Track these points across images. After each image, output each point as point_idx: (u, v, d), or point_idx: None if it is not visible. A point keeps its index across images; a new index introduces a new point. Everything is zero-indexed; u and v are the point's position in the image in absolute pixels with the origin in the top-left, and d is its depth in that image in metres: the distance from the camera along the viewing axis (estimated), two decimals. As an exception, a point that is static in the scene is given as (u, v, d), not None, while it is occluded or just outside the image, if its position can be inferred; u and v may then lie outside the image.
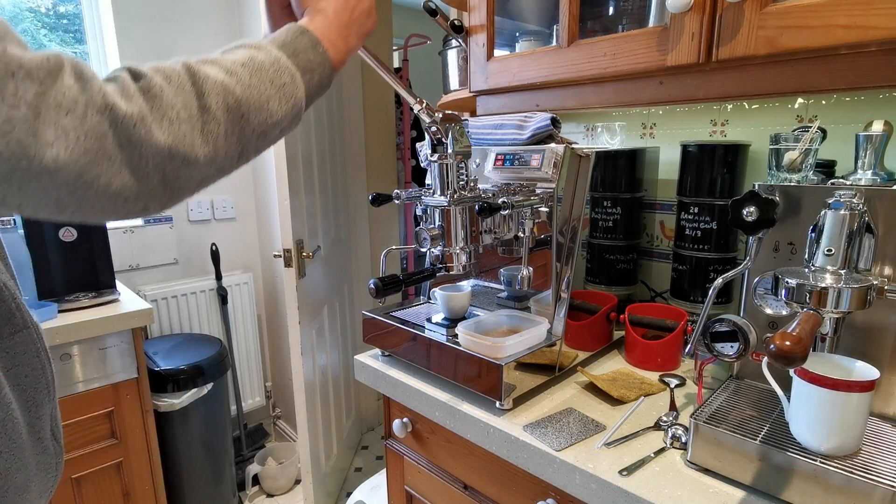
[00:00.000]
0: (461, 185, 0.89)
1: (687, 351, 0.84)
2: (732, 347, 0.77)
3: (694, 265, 1.11)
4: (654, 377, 0.99)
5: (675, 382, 0.97)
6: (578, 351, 1.02)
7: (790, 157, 0.80)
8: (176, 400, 1.76)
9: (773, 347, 0.54)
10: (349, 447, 2.43)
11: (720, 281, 0.79)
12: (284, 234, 1.69)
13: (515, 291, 1.07)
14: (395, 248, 1.25)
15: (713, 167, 1.07)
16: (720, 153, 1.06)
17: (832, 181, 0.78)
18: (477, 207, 0.84)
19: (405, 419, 1.07)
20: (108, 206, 0.43)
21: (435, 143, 0.87)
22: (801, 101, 1.03)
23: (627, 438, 0.80)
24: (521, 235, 0.97)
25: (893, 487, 0.58)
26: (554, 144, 0.96)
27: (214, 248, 2.22)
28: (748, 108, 1.10)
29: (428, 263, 0.93)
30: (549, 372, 0.95)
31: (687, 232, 1.11)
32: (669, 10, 0.81)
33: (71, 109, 0.39)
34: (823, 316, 0.66)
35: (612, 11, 1.11)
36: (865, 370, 0.67)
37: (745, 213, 0.78)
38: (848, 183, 0.75)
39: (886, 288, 0.67)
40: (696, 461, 0.72)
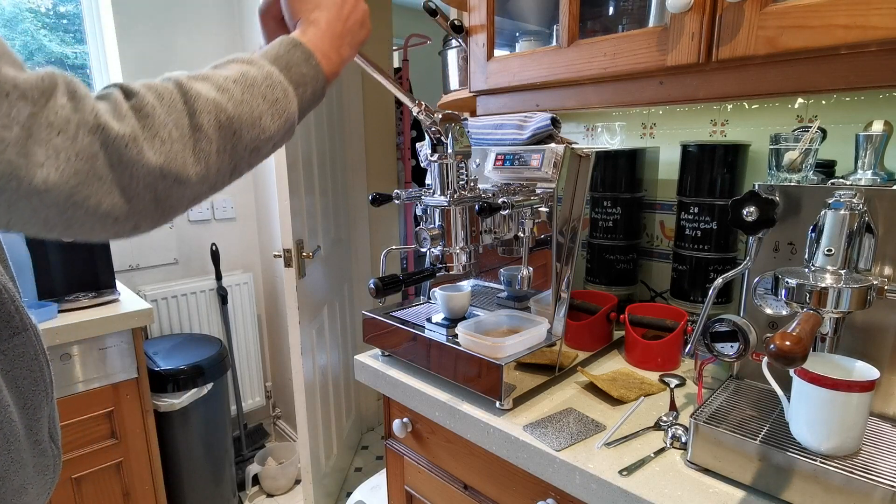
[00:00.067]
0: (461, 185, 0.89)
1: (687, 351, 0.84)
2: (732, 347, 0.77)
3: (694, 265, 1.11)
4: (654, 377, 0.99)
5: (675, 382, 0.97)
6: (578, 351, 1.02)
7: (790, 157, 0.80)
8: (176, 400, 1.76)
9: (773, 347, 0.54)
10: (349, 447, 2.43)
11: (720, 281, 0.79)
12: (284, 234, 1.69)
13: (515, 291, 1.07)
14: (395, 248, 1.25)
15: (713, 167, 1.07)
16: (720, 153, 1.06)
17: (832, 181, 0.78)
18: (477, 207, 0.84)
19: (405, 419, 1.07)
20: (97, 225, 0.43)
21: (435, 143, 0.87)
22: (801, 101, 1.03)
23: (627, 438, 0.80)
24: (521, 235, 0.97)
25: (893, 487, 0.58)
26: (554, 144, 0.96)
27: (214, 248, 2.22)
28: (748, 108, 1.10)
29: (428, 263, 0.93)
30: (549, 372, 0.95)
31: (687, 232, 1.11)
32: (669, 10, 0.81)
33: (63, 129, 0.39)
34: (823, 316, 0.66)
35: (612, 11, 1.11)
36: (865, 370, 0.67)
37: (745, 213, 0.78)
38: (848, 183, 0.75)
39: (886, 288, 0.67)
40: (696, 461, 0.72)
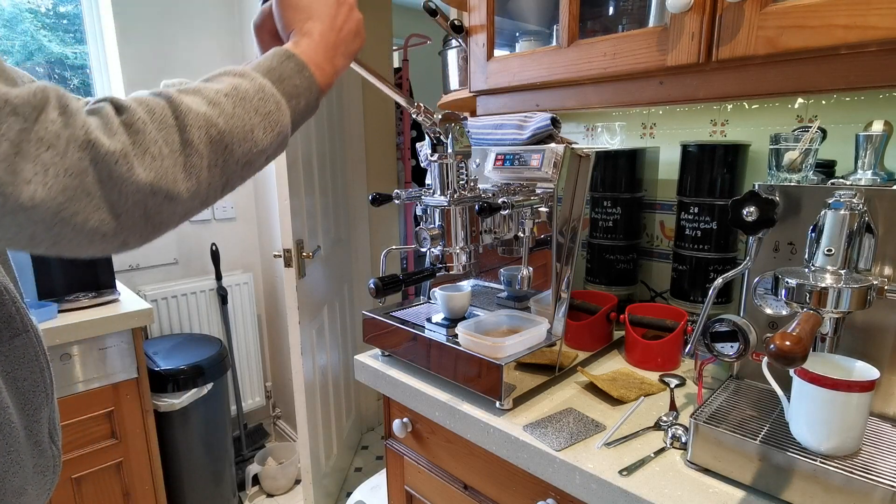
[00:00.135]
0: (461, 185, 0.89)
1: (687, 351, 0.84)
2: (732, 347, 0.77)
3: (694, 265, 1.11)
4: (654, 377, 0.99)
5: (675, 382, 0.97)
6: (578, 351, 1.02)
7: (790, 157, 0.80)
8: (176, 400, 1.76)
9: (773, 347, 0.54)
10: (349, 447, 2.43)
11: (720, 281, 0.79)
12: (284, 234, 1.69)
13: (515, 291, 1.07)
14: (395, 248, 1.25)
15: (713, 167, 1.07)
16: (720, 153, 1.06)
17: (832, 181, 0.78)
18: (477, 207, 0.84)
19: (405, 419, 1.07)
20: (84, 242, 0.42)
21: (435, 143, 0.87)
22: (801, 101, 1.03)
23: (627, 438, 0.80)
24: (521, 235, 0.97)
25: (893, 487, 0.58)
26: (554, 144, 0.96)
27: (214, 248, 2.22)
28: (748, 108, 1.10)
29: (428, 263, 0.93)
30: (549, 372, 0.95)
31: (687, 232, 1.11)
32: (669, 10, 0.81)
33: (52, 144, 0.39)
34: (823, 316, 0.66)
35: (612, 11, 1.11)
36: (865, 370, 0.67)
37: (745, 213, 0.78)
38: (848, 183, 0.75)
39: (886, 288, 0.67)
40: (696, 461, 0.72)
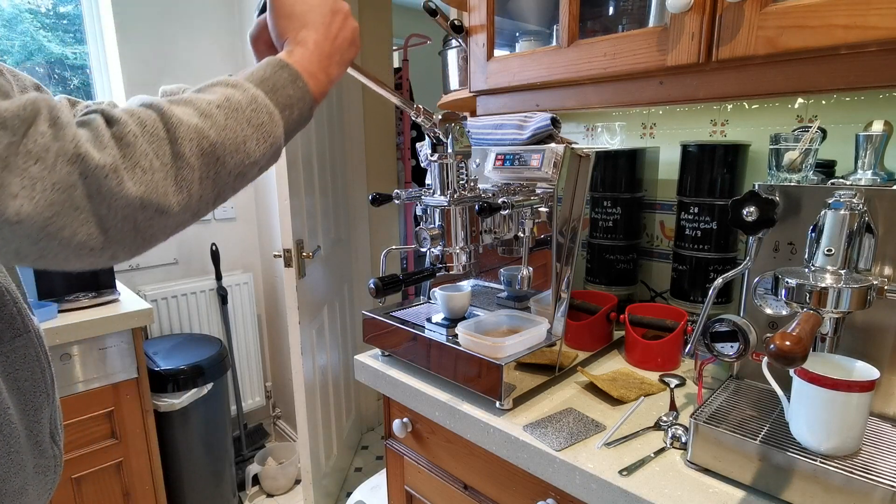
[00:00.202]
0: (461, 185, 0.89)
1: (687, 351, 0.84)
2: (732, 347, 0.77)
3: (694, 265, 1.11)
4: (654, 377, 0.99)
5: (675, 382, 0.97)
6: (578, 351, 1.02)
7: (790, 157, 0.80)
8: (176, 400, 1.76)
9: (773, 347, 0.54)
10: (349, 447, 2.43)
11: (720, 281, 0.79)
12: (284, 234, 1.69)
13: (515, 291, 1.07)
14: (395, 248, 1.25)
15: (713, 167, 1.07)
16: (720, 153, 1.06)
17: (832, 181, 0.78)
18: (477, 207, 0.84)
19: (405, 419, 1.07)
20: (71, 256, 0.42)
21: (435, 142, 0.87)
22: (801, 101, 1.03)
23: (627, 438, 0.80)
24: (521, 235, 0.97)
25: (893, 487, 0.58)
26: (554, 144, 0.96)
27: (214, 248, 2.22)
28: (748, 108, 1.10)
29: (428, 263, 0.93)
30: (549, 372, 0.95)
31: (687, 232, 1.11)
32: (669, 10, 0.81)
33: (41, 157, 0.38)
34: (823, 316, 0.66)
35: (612, 11, 1.11)
36: (865, 370, 0.67)
37: (745, 213, 0.78)
38: (848, 183, 0.75)
39: (886, 288, 0.67)
40: (696, 461, 0.72)
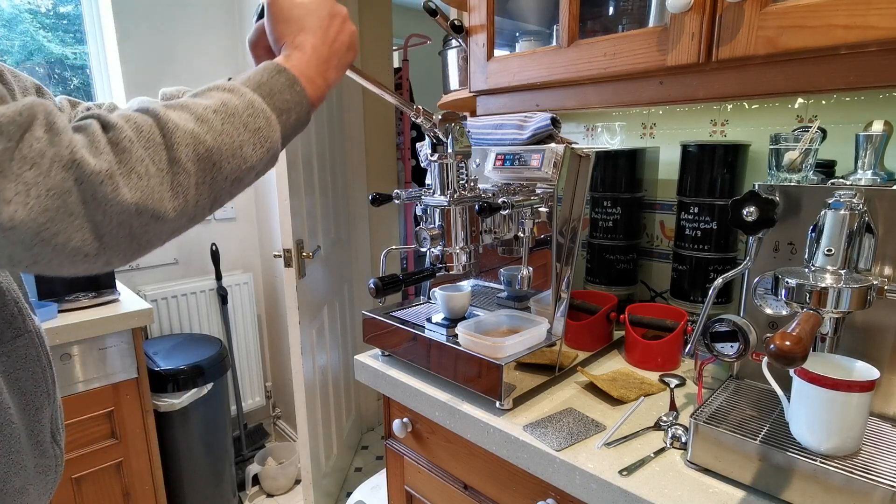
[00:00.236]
0: (461, 185, 0.89)
1: (687, 351, 0.84)
2: (732, 347, 0.77)
3: (694, 265, 1.11)
4: (654, 377, 0.99)
5: (675, 382, 0.97)
6: (578, 351, 1.02)
7: (790, 157, 0.80)
8: (176, 400, 1.76)
9: (773, 347, 0.54)
10: (349, 447, 2.43)
11: (720, 281, 0.79)
12: (284, 234, 1.69)
13: (515, 291, 1.07)
14: (395, 248, 1.25)
15: (713, 167, 1.07)
16: (720, 153, 1.06)
17: (832, 181, 0.78)
18: (477, 207, 0.84)
19: (405, 419, 1.07)
20: (66, 262, 0.41)
21: (435, 142, 0.87)
22: (801, 101, 1.03)
23: (627, 438, 0.80)
24: (521, 235, 0.97)
25: (893, 487, 0.58)
26: (554, 144, 0.96)
27: (214, 248, 2.22)
28: (748, 108, 1.10)
29: (428, 263, 0.93)
30: (549, 372, 0.95)
31: (687, 232, 1.11)
32: (669, 10, 0.81)
33: (36, 163, 0.38)
34: (823, 316, 0.66)
35: (612, 11, 1.11)
36: (865, 370, 0.67)
37: (745, 213, 0.78)
38: (848, 183, 0.75)
39: (886, 288, 0.67)
40: (696, 461, 0.72)
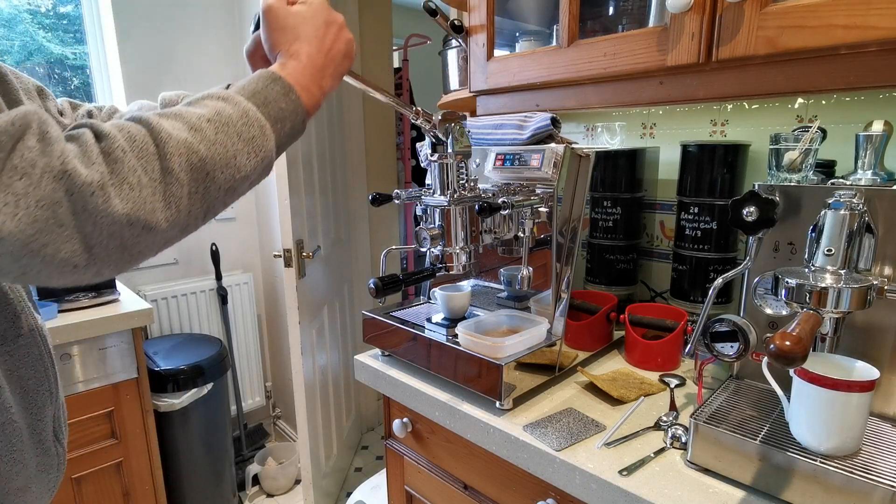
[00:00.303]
0: (461, 185, 0.89)
1: (687, 351, 0.84)
2: (732, 347, 0.77)
3: (694, 265, 1.11)
4: (654, 377, 0.99)
5: (675, 382, 0.97)
6: (578, 351, 1.02)
7: (790, 157, 0.80)
8: (176, 400, 1.76)
9: (773, 347, 0.54)
10: (349, 447, 2.43)
11: (720, 281, 0.79)
12: (284, 234, 1.69)
13: (515, 291, 1.07)
14: (395, 248, 1.25)
15: (713, 167, 1.07)
16: (720, 153, 1.06)
17: (832, 181, 0.78)
18: (477, 207, 0.84)
19: (405, 419, 1.07)
20: (54, 273, 0.41)
21: (435, 142, 0.87)
22: (801, 101, 1.03)
23: (627, 438, 0.80)
24: (521, 235, 0.97)
25: (893, 487, 0.58)
26: (554, 144, 0.96)
27: (214, 248, 2.22)
28: (748, 108, 1.10)
29: (428, 263, 0.93)
30: (549, 372, 0.95)
31: (687, 232, 1.11)
32: (669, 10, 0.81)
33: (27, 173, 0.38)
34: (823, 316, 0.66)
35: (612, 11, 1.11)
36: (865, 370, 0.67)
37: (745, 213, 0.78)
38: (848, 183, 0.75)
39: (886, 288, 0.67)
40: (696, 461, 0.72)
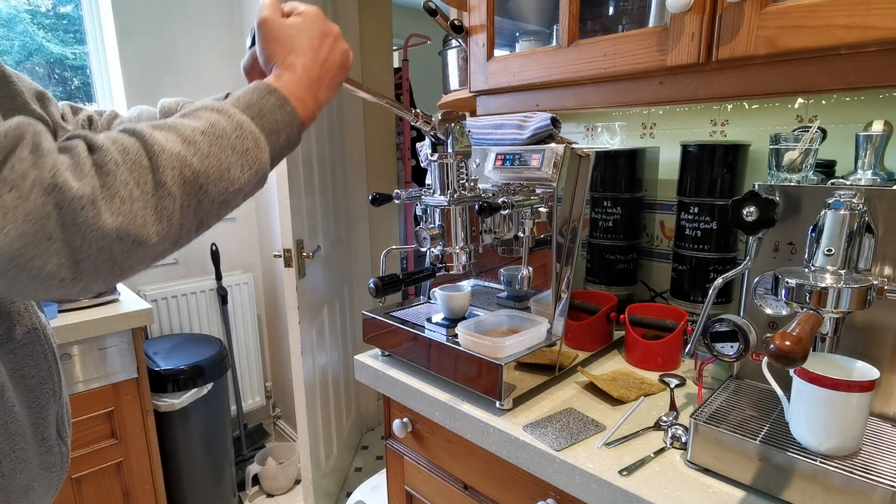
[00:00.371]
0: (461, 184, 0.89)
1: (687, 351, 0.84)
2: (732, 347, 0.77)
3: (694, 265, 1.11)
4: (654, 377, 0.99)
5: (675, 382, 0.97)
6: (578, 351, 1.02)
7: (790, 157, 0.80)
8: (176, 400, 1.76)
9: (773, 347, 0.54)
10: (349, 447, 2.43)
11: (720, 281, 0.79)
12: (284, 234, 1.69)
13: (515, 291, 1.07)
14: (395, 248, 1.25)
15: (713, 167, 1.07)
16: (720, 153, 1.06)
17: (832, 181, 0.78)
18: (477, 207, 0.84)
19: (405, 419, 1.07)
20: (40, 288, 0.40)
21: (435, 142, 0.87)
22: (801, 101, 1.03)
23: (627, 438, 0.80)
24: (521, 235, 0.97)
25: (893, 487, 0.58)
26: (554, 144, 0.96)
27: (214, 248, 2.22)
28: (748, 108, 1.10)
29: (428, 263, 0.93)
30: (549, 372, 0.95)
31: (687, 232, 1.11)
32: (669, 10, 0.81)
33: (16, 185, 0.37)
34: (823, 316, 0.66)
35: (612, 11, 1.11)
36: (865, 370, 0.67)
37: (745, 213, 0.78)
38: (848, 183, 0.75)
39: (886, 288, 0.67)
40: (696, 461, 0.72)
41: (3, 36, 1.92)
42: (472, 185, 0.91)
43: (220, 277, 2.25)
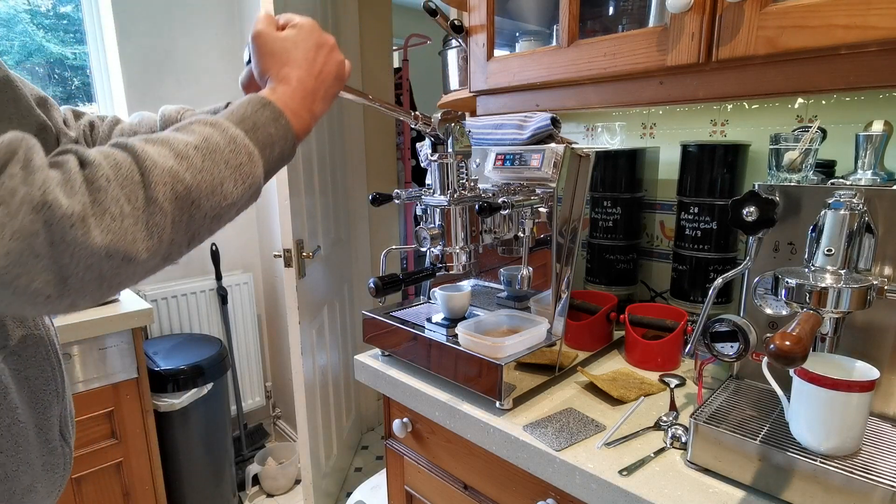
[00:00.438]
0: (461, 184, 0.89)
1: (687, 351, 0.84)
2: (732, 347, 0.77)
3: (694, 265, 1.11)
4: (654, 377, 0.99)
5: (675, 382, 0.97)
6: (578, 351, 1.02)
7: (790, 157, 0.80)
8: (176, 400, 1.76)
9: (773, 347, 0.54)
10: (349, 447, 2.43)
11: (720, 281, 0.79)
12: (284, 234, 1.69)
13: (515, 291, 1.07)
14: (395, 248, 1.25)
15: (713, 167, 1.07)
16: (720, 153, 1.06)
17: (832, 181, 0.78)
18: (477, 207, 0.84)
19: (405, 419, 1.07)
20: (27, 304, 0.40)
21: (435, 142, 0.87)
22: (801, 101, 1.03)
23: (627, 438, 0.80)
24: (521, 235, 0.97)
25: (893, 487, 0.58)
26: (554, 144, 0.96)
27: (214, 247, 2.22)
28: (748, 108, 1.10)
29: (428, 263, 0.93)
30: (549, 372, 0.95)
31: (687, 232, 1.11)
32: (669, 10, 0.81)
33: (5, 202, 0.37)
34: (823, 316, 0.66)
35: (612, 11, 1.11)
36: (865, 370, 0.67)
37: (745, 213, 0.78)
38: (848, 183, 0.75)
39: (886, 288, 0.67)
40: (696, 461, 0.72)
41: (2, 36, 1.92)
42: (472, 185, 0.91)
43: (220, 277, 2.25)
